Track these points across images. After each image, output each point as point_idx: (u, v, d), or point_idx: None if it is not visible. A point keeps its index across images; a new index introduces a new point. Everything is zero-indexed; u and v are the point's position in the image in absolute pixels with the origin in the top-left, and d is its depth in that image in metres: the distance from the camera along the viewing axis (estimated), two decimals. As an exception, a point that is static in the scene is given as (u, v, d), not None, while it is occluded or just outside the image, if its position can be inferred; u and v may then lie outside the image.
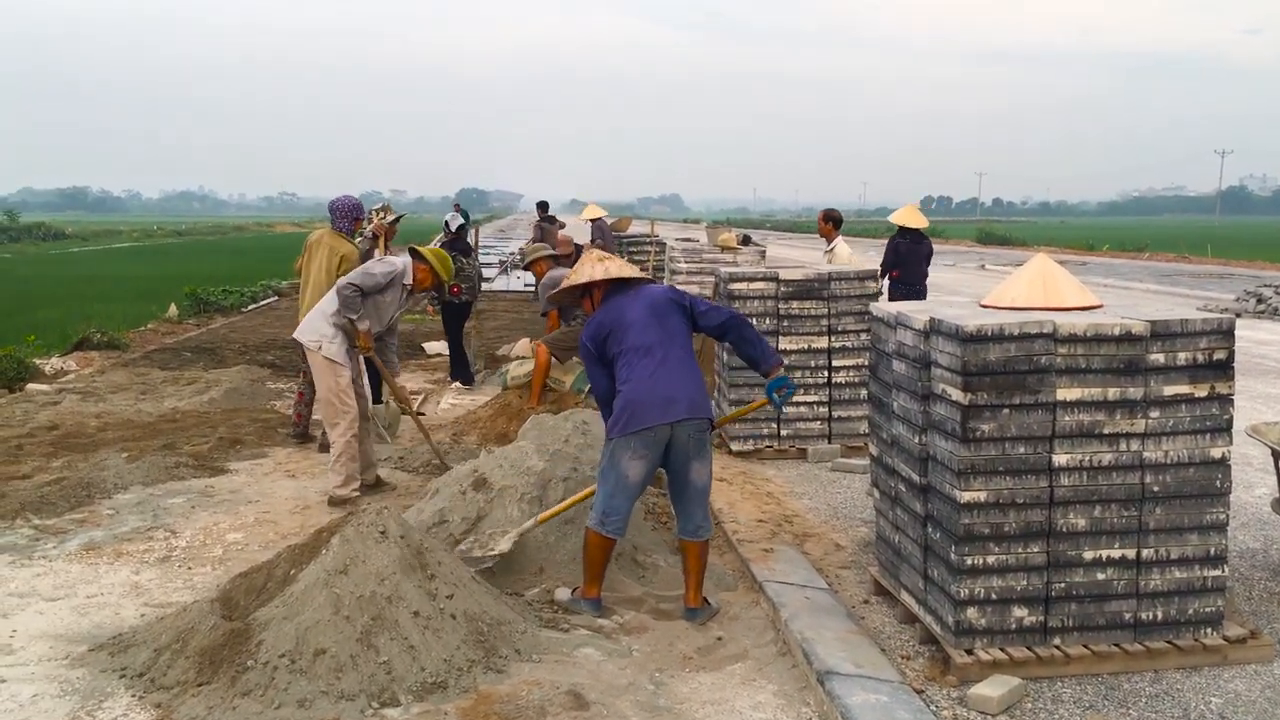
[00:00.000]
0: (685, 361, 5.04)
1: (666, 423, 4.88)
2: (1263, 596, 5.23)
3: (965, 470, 4.28)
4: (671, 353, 5.00)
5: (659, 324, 5.05)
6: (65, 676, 4.38)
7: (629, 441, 4.91)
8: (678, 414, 4.89)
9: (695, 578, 5.10)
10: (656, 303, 5.12)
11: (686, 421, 4.91)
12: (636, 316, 5.06)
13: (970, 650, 4.36)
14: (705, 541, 5.09)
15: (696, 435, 4.95)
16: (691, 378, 5.01)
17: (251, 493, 7.32)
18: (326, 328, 7.06)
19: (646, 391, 4.90)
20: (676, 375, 4.95)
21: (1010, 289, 4.83)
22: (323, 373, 7.07)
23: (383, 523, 4.74)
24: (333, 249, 8.32)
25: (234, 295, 20.51)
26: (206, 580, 5.56)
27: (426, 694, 4.15)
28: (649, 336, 5.01)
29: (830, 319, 8.25)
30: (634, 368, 4.98)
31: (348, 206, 8.49)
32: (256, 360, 13.23)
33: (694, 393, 4.97)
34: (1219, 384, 4.39)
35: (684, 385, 4.95)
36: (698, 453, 4.97)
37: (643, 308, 5.09)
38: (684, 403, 4.91)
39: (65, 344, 13.96)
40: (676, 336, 5.06)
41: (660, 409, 4.88)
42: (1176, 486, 4.40)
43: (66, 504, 6.90)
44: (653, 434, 4.88)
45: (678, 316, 5.11)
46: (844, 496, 7.18)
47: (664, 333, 5.03)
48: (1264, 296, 18.82)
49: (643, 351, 4.98)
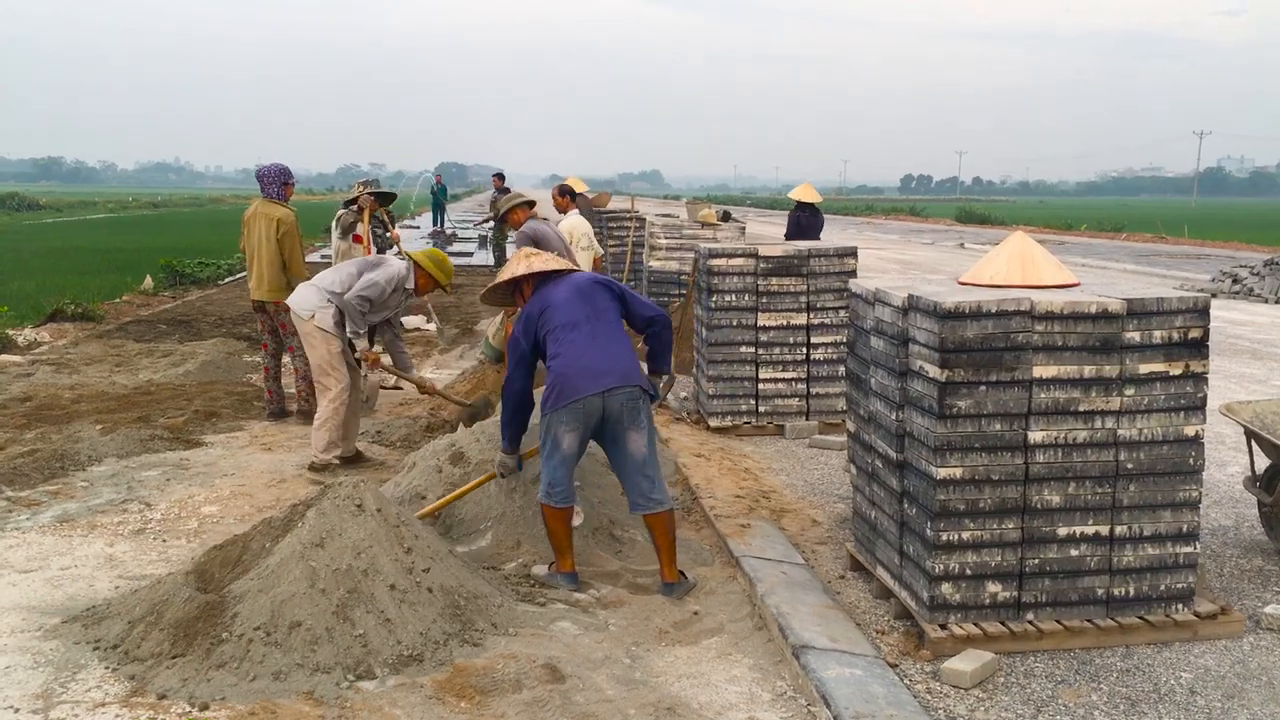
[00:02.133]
0: (614, 334, 5.07)
1: (596, 393, 4.89)
2: (1234, 573, 5.28)
3: (941, 446, 4.29)
4: (599, 326, 5.04)
5: (585, 301, 5.09)
6: (38, 648, 4.36)
7: (560, 415, 4.94)
8: (606, 384, 4.91)
9: (666, 552, 5.09)
10: (581, 284, 5.19)
11: (617, 390, 4.92)
12: (561, 296, 5.12)
13: (944, 625, 4.39)
14: (666, 513, 5.05)
15: (629, 404, 4.95)
16: (620, 348, 5.04)
17: (227, 465, 7.28)
18: (319, 299, 7.08)
19: (575, 364, 4.93)
20: (605, 347, 4.99)
21: (988, 266, 4.84)
22: (314, 341, 7.10)
23: (359, 496, 4.72)
24: (268, 216, 8.39)
25: (210, 268, 20.36)
26: (181, 553, 5.53)
27: (402, 667, 4.15)
28: (575, 313, 5.05)
29: (809, 295, 8.25)
30: (561, 343, 5.00)
31: (275, 172, 8.57)
32: (232, 333, 13.14)
33: (624, 363, 4.99)
34: (1194, 362, 4.41)
35: (613, 356, 4.98)
36: (632, 421, 4.97)
37: (567, 288, 5.16)
38: (615, 373, 4.94)
39: (39, 315, 13.83)
40: (604, 312, 5.11)
41: (590, 380, 4.90)
42: (1150, 464, 4.43)
43: (40, 476, 6.85)
44: (582, 405, 4.90)
45: (604, 295, 5.17)
46: (821, 473, 7.20)
47: (590, 308, 5.08)
48: (1239, 277, 18.94)
49: (569, 327, 5.02)
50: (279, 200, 8.51)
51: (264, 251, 8.34)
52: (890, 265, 24.90)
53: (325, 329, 7.04)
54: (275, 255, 8.34)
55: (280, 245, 8.33)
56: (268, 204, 8.46)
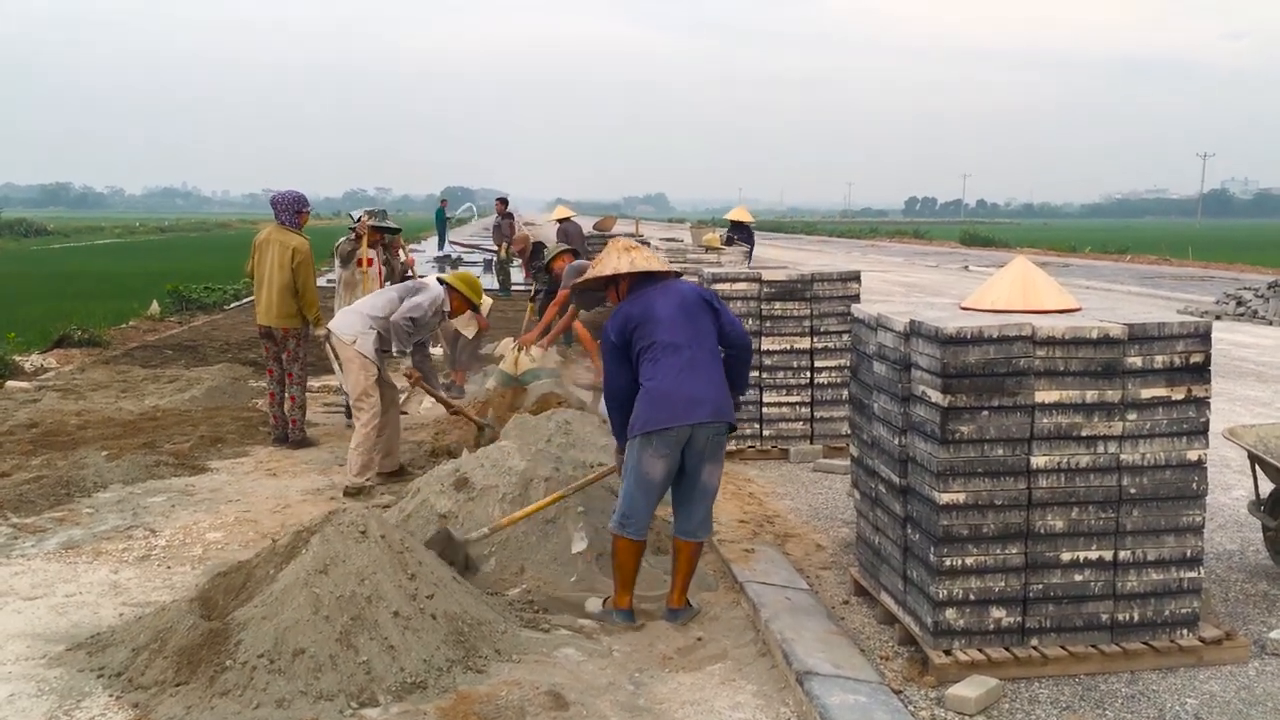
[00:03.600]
0: (712, 363, 4.94)
1: (689, 424, 4.79)
2: (1239, 598, 5.27)
3: (944, 472, 4.30)
4: (699, 354, 4.89)
5: (689, 322, 4.93)
6: (43, 676, 4.36)
7: (650, 440, 4.82)
8: (701, 415, 4.80)
9: (683, 579, 5.05)
10: (688, 300, 4.99)
11: (708, 424, 4.83)
12: (667, 312, 4.92)
13: (948, 651, 4.38)
14: (700, 543, 5.05)
15: (715, 438, 4.88)
16: (717, 379, 4.92)
17: (232, 491, 7.30)
18: (362, 325, 7.29)
19: (672, 390, 4.80)
20: (703, 376, 4.86)
21: (990, 291, 4.86)
22: (353, 366, 7.29)
23: (363, 522, 4.73)
24: (283, 244, 8.44)
25: (216, 293, 20.42)
26: (186, 579, 5.54)
27: (406, 694, 4.15)
28: (678, 334, 4.88)
29: (813, 320, 8.27)
30: (660, 365, 4.86)
31: (290, 199, 8.63)
32: (239, 358, 13.17)
33: (718, 395, 4.89)
34: (1195, 387, 4.42)
35: (709, 386, 4.86)
36: (713, 455, 4.90)
37: (674, 304, 4.96)
38: (709, 405, 4.82)
39: (46, 341, 13.88)
40: (705, 337, 4.95)
41: (684, 409, 4.79)
42: (1153, 489, 4.43)
43: (45, 502, 6.87)
44: (674, 434, 4.80)
45: (708, 317, 4.99)
46: (825, 497, 7.20)
47: (694, 331, 4.92)
48: (1244, 299, 18.92)
49: (671, 349, 4.86)
50: (293, 228, 8.57)
51: (276, 278, 8.38)
52: (894, 288, 24.94)
53: (365, 354, 7.25)
54: (288, 282, 8.38)
55: (295, 274, 8.37)
56: (282, 231, 8.51)
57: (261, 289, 8.53)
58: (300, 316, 8.48)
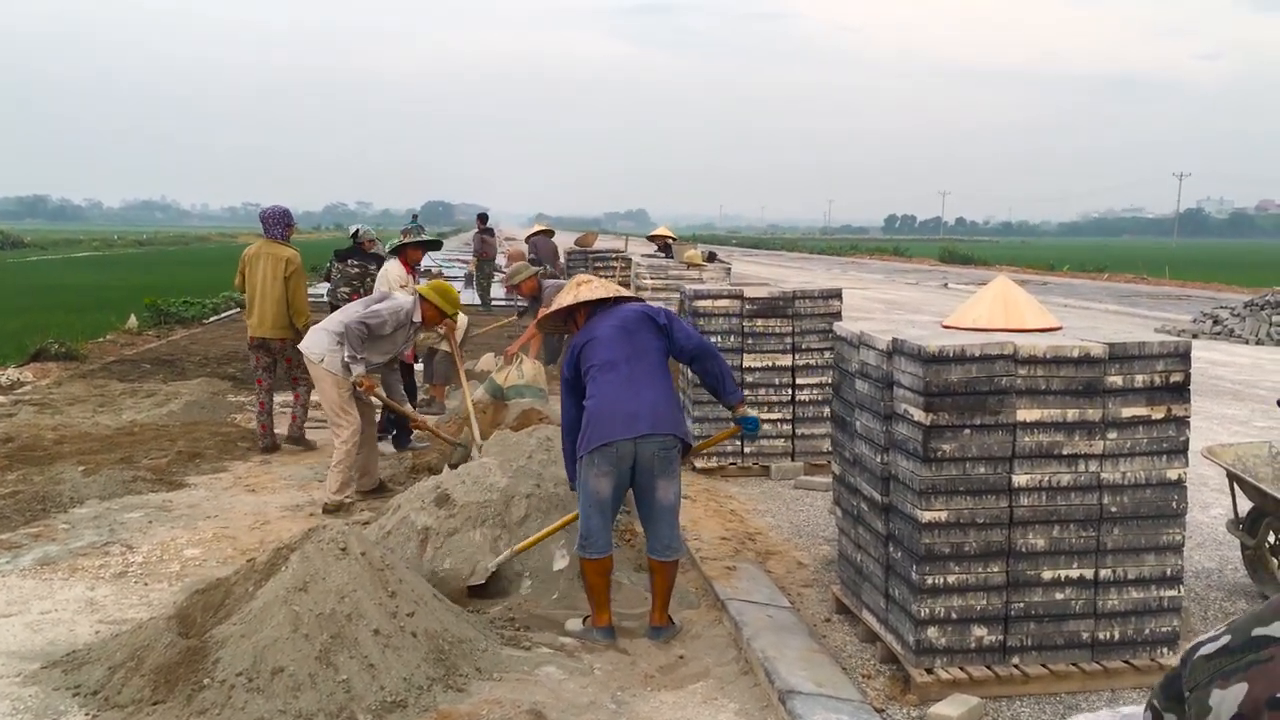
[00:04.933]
0: (653, 376, 4.94)
1: (628, 438, 4.81)
2: (1218, 616, 5.29)
3: (926, 490, 4.30)
4: (637, 369, 4.91)
5: (627, 339, 4.97)
6: (17, 694, 4.31)
7: (593, 458, 4.86)
8: (639, 429, 4.81)
9: (662, 598, 5.06)
10: (627, 319, 5.05)
11: (650, 437, 4.83)
12: (605, 332, 5.01)
13: (930, 669, 4.38)
14: (675, 562, 5.04)
15: (661, 452, 4.87)
16: (658, 393, 4.92)
17: (210, 508, 7.24)
18: (329, 342, 7.18)
19: (609, 406, 4.85)
20: (642, 390, 4.88)
21: (972, 310, 4.88)
22: (325, 384, 7.22)
23: (343, 540, 4.70)
24: (275, 256, 8.67)
25: (195, 307, 20.30)
26: (163, 596, 5.49)
27: (386, 713, 4.12)
28: (615, 351, 4.94)
29: (794, 337, 8.29)
30: (598, 383, 4.92)
31: (278, 214, 8.95)
32: (217, 373, 13.09)
33: (659, 408, 4.89)
34: (1175, 406, 4.44)
35: (648, 400, 4.87)
36: (663, 470, 4.89)
37: (613, 323, 5.03)
38: (646, 418, 4.83)
39: (22, 354, 13.74)
40: (646, 353, 4.97)
41: (623, 424, 4.81)
42: (1134, 507, 4.45)
43: (21, 518, 6.80)
44: (614, 450, 4.81)
45: (648, 332, 5.02)
46: (807, 514, 7.20)
47: (631, 347, 4.95)
48: (1220, 318, 19.08)
49: (608, 367, 4.92)
50: (282, 241, 8.81)
51: (270, 290, 8.59)
52: (875, 305, 25.02)
53: (334, 371, 7.15)
54: (281, 294, 8.60)
55: (287, 284, 8.60)
56: (272, 244, 8.76)
57: (255, 302, 8.69)
58: (293, 327, 8.64)
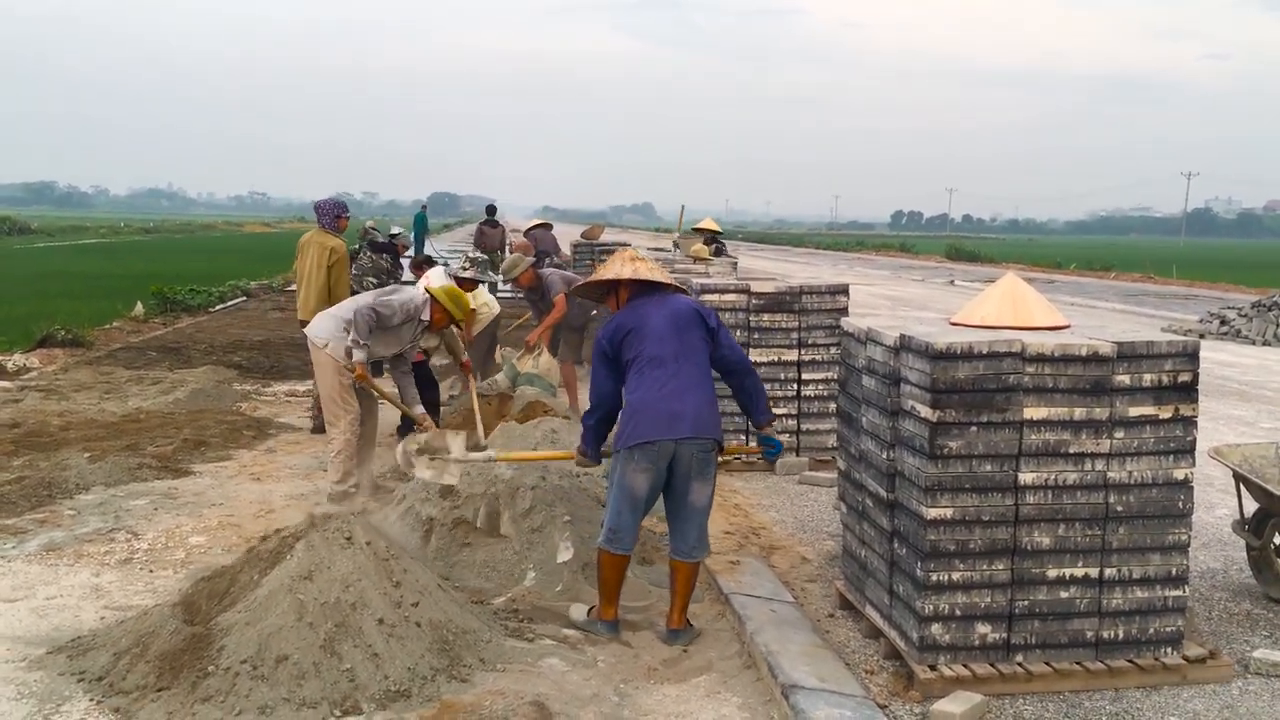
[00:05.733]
0: (698, 378, 4.88)
1: (670, 439, 4.76)
2: (1222, 617, 5.29)
3: (932, 487, 4.30)
4: (684, 368, 4.85)
5: (678, 336, 4.90)
6: (23, 679, 4.32)
7: (633, 454, 4.80)
8: (682, 431, 4.76)
9: (681, 599, 4.98)
10: (680, 314, 4.96)
11: (691, 440, 4.78)
12: (657, 324, 4.91)
13: (934, 666, 4.38)
14: (697, 563, 4.99)
15: (700, 455, 4.81)
16: (702, 395, 4.86)
17: (215, 495, 7.25)
18: (335, 328, 7.14)
19: (653, 404, 4.78)
20: (687, 391, 4.81)
21: (980, 307, 4.87)
22: (325, 370, 7.17)
23: (348, 529, 4.71)
24: (321, 245, 9.02)
25: (201, 295, 20.34)
26: (168, 583, 5.50)
27: (389, 702, 4.13)
28: (665, 347, 4.86)
29: (800, 332, 8.29)
30: (645, 377, 4.84)
31: (331, 205, 9.40)
32: (223, 361, 13.12)
33: (702, 411, 4.83)
34: (1183, 406, 4.44)
35: (692, 402, 4.81)
36: (700, 473, 4.83)
37: (666, 316, 4.94)
38: (689, 420, 4.77)
39: (29, 340, 13.78)
40: (694, 353, 4.90)
41: (666, 424, 4.76)
42: (1140, 507, 4.44)
43: (27, 503, 6.81)
44: (655, 449, 4.76)
45: (699, 333, 4.94)
46: (811, 510, 7.20)
47: (681, 346, 4.88)
48: (1227, 318, 19.04)
49: (657, 362, 4.84)
50: (332, 231, 9.20)
51: (314, 277, 8.94)
52: (881, 302, 24.99)
53: (337, 358, 7.06)
54: (324, 282, 8.93)
55: (329, 273, 8.93)
56: (322, 233, 9.14)
57: (301, 286, 9.13)
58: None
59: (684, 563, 4.94)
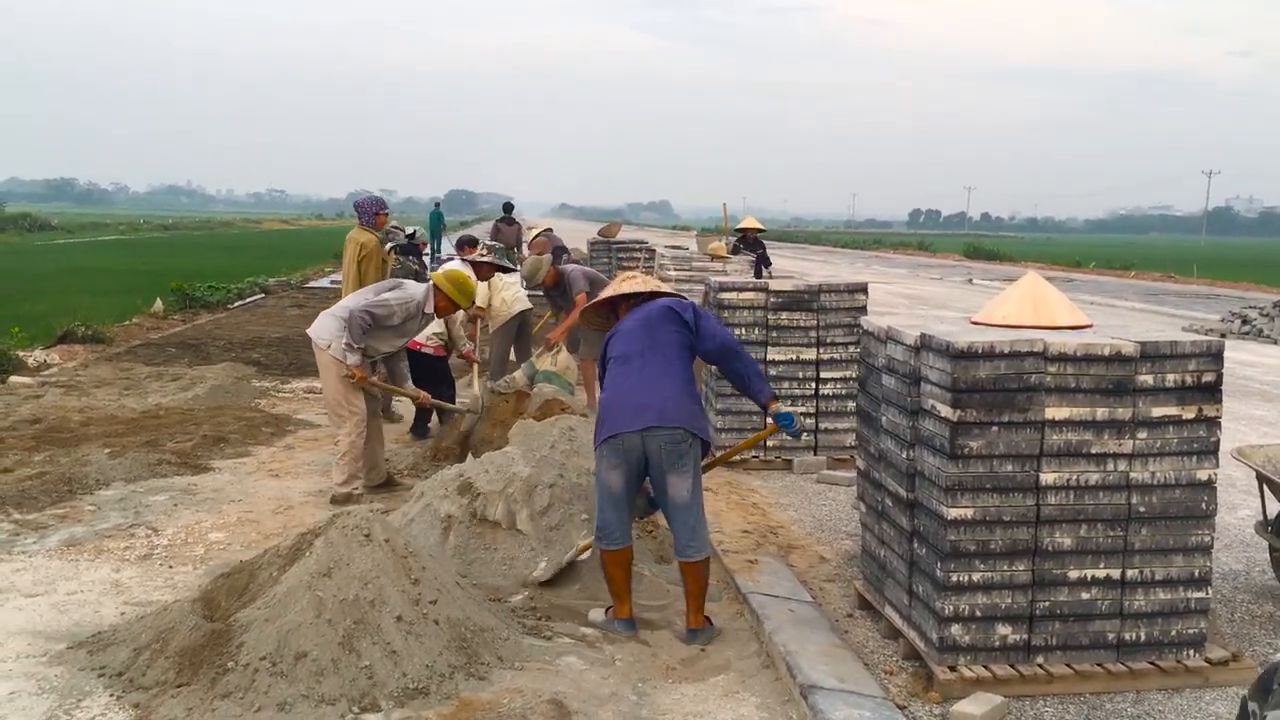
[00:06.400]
0: (667, 369, 4.88)
1: (634, 430, 4.77)
2: (1245, 619, 5.25)
3: (953, 487, 4.28)
4: (651, 361, 4.89)
5: (647, 332, 4.97)
6: (43, 674, 4.34)
7: (603, 451, 4.87)
8: (645, 421, 4.76)
9: (694, 600, 4.94)
10: (651, 313, 5.04)
11: (656, 430, 4.75)
12: (629, 326, 5.04)
13: (954, 667, 4.35)
14: (699, 561, 4.89)
15: (669, 445, 4.76)
16: (672, 386, 4.84)
17: (234, 492, 7.28)
18: (336, 328, 7.11)
19: (620, 398, 4.86)
20: (653, 383, 4.83)
21: (1001, 306, 4.84)
22: (330, 371, 7.12)
23: (367, 526, 4.71)
24: (355, 241, 9.37)
25: (220, 292, 20.42)
26: (188, 579, 5.52)
27: (408, 700, 4.13)
28: (631, 345, 4.96)
29: (819, 330, 8.26)
30: (611, 376, 4.98)
31: (369, 203, 9.66)
32: (242, 358, 13.17)
33: (666, 400, 4.79)
34: (1207, 406, 4.40)
35: (659, 393, 4.80)
36: (672, 465, 4.78)
37: (637, 318, 5.05)
38: (653, 410, 4.77)
39: (49, 337, 13.85)
40: (663, 347, 4.92)
41: (630, 416, 4.79)
42: (1162, 508, 4.41)
43: (48, 499, 6.85)
44: (621, 442, 4.79)
45: (671, 326, 4.97)
46: (829, 509, 7.18)
47: (649, 341, 4.94)
48: (1249, 318, 18.90)
49: (622, 359, 4.95)
50: (368, 227, 9.46)
51: (349, 272, 9.36)
52: (899, 300, 24.91)
53: (340, 358, 7.03)
54: (356, 276, 9.21)
55: (358, 266, 9.24)
56: (360, 230, 9.45)
57: (345, 281, 9.46)
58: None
59: (684, 563, 4.91)
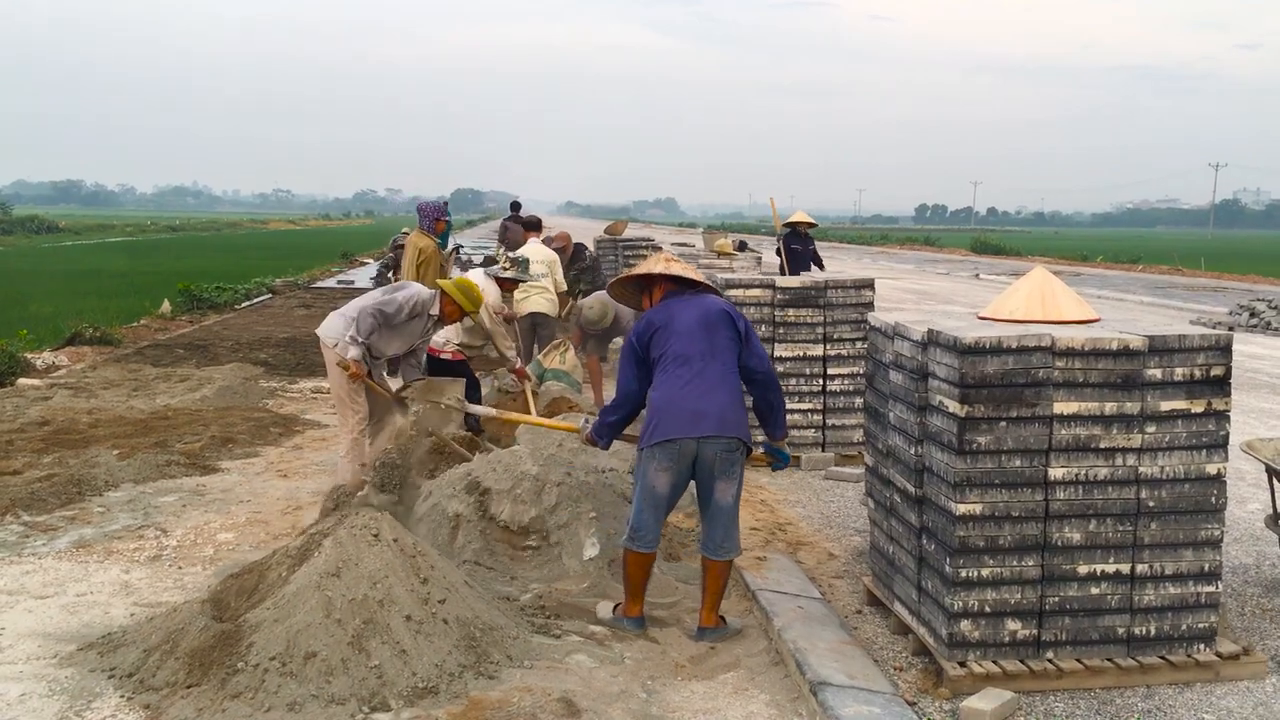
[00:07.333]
0: (724, 377, 4.84)
1: (692, 437, 4.73)
2: (1255, 613, 5.23)
3: (961, 482, 4.27)
4: (710, 366, 4.82)
5: (706, 335, 4.87)
6: (54, 676, 4.35)
7: (654, 453, 4.79)
8: (704, 430, 4.73)
9: (712, 597, 4.94)
10: (710, 313, 4.93)
11: (714, 439, 4.74)
12: (686, 322, 4.89)
13: (963, 663, 4.35)
14: (727, 562, 4.92)
15: (723, 454, 4.77)
16: (727, 394, 4.82)
17: (243, 492, 7.29)
18: (344, 328, 7.03)
19: (677, 402, 4.76)
20: (712, 390, 4.78)
21: (1009, 301, 4.83)
22: (336, 371, 7.06)
23: (376, 526, 4.72)
24: (414, 245, 9.65)
25: (227, 292, 20.45)
26: (197, 580, 5.53)
27: (417, 699, 4.14)
28: (692, 346, 4.84)
29: (826, 327, 8.25)
30: (668, 376, 4.83)
31: (430, 208, 10.01)
32: (250, 358, 13.19)
33: (725, 410, 4.78)
34: (1216, 400, 4.39)
35: (717, 401, 4.77)
36: (724, 472, 4.79)
37: (694, 315, 4.92)
38: (713, 419, 4.74)
39: (57, 338, 13.90)
40: (721, 352, 4.87)
41: (687, 422, 4.73)
42: (1172, 502, 4.40)
43: (57, 501, 6.87)
44: (677, 447, 4.75)
45: (728, 333, 4.91)
46: (837, 505, 7.17)
47: (708, 344, 4.85)
48: (1257, 310, 18.84)
49: (681, 360, 4.82)
50: (428, 232, 9.76)
51: (408, 275, 9.40)
52: (906, 296, 24.85)
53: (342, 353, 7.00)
54: (415, 279, 9.19)
55: (418, 270, 9.39)
56: (420, 235, 9.75)
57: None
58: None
59: (713, 561, 4.90)
